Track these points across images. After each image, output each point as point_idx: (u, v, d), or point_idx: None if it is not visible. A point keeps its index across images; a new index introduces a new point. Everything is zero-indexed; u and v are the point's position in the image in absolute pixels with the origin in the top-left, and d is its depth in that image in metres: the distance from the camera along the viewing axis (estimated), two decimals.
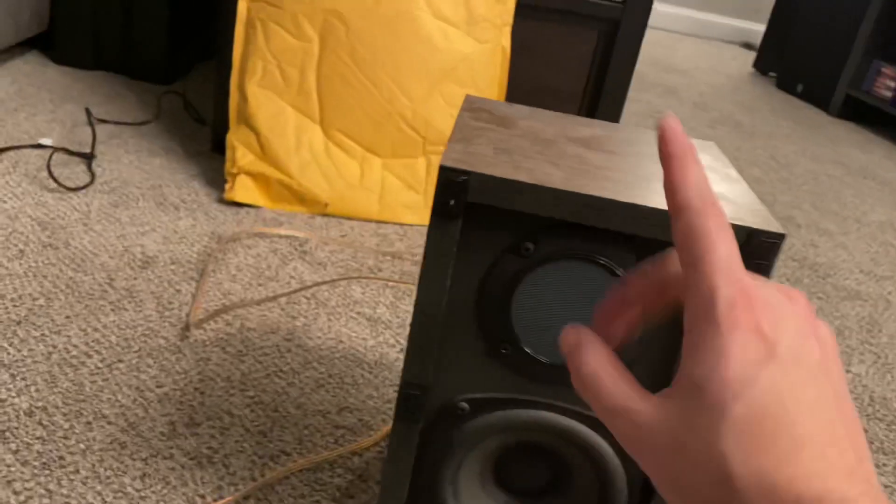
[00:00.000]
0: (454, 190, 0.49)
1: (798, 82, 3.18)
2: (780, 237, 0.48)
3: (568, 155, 0.55)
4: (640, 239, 0.50)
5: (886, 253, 1.63)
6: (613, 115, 1.51)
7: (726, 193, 0.54)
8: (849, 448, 0.29)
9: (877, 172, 2.26)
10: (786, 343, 0.29)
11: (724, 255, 0.30)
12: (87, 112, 1.44)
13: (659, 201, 0.50)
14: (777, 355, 0.29)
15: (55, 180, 1.19)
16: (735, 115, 2.61)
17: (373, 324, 1.00)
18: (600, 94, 1.49)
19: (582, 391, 0.33)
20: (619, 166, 0.55)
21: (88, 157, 1.29)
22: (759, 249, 0.49)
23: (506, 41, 1.32)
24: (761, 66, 3.50)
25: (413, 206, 1.30)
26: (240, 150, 1.25)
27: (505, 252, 0.52)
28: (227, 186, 1.25)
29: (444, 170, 0.49)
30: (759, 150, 2.23)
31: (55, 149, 1.29)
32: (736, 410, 0.28)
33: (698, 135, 2.26)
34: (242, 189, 1.24)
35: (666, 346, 0.54)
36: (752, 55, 3.81)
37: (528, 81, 1.46)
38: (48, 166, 1.19)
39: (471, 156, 0.51)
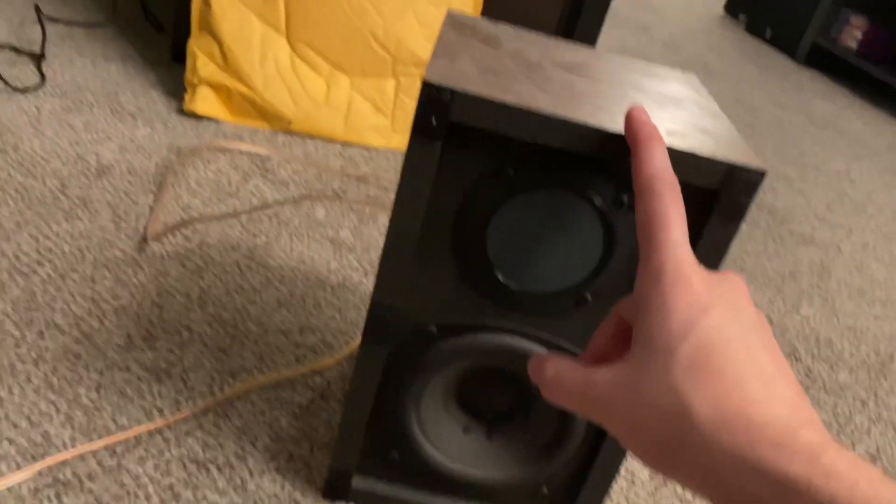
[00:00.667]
0: (437, 108, 0.47)
1: (767, 27, 3.18)
2: (761, 175, 0.48)
3: (554, 80, 0.53)
4: (622, 170, 0.50)
5: (841, 202, 1.67)
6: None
7: (708, 127, 0.53)
8: (789, 387, 0.31)
9: (837, 122, 2.29)
10: (722, 301, 0.33)
11: (675, 238, 0.35)
12: (37, 9, 1.35)
13: None
14: (715, 307, 0.32)
15: (2, 79, 1.12)
16: (704, 56, 2.61)
17: (336, 246, 0.99)
18: (575, 25, 1.46)
19: (552, 395, 0.37)
20: (606, 94, 0.54)
21: (38, 58, 1.22)
22: (739, 186, 0.48)
23: None
24: (732, 8, 3.48)
25: (380, 128, 1.27)
26: (201, 60, 1.20)
27: (484, 176, 0.51)
28: (186, 97, 1.20)
29: (427, 86, 0.47)
30: (727, 93, 2.24)
31: (1, 46, 1.21)
32: (683, 349, 0.31)
33: None
34: (203, 100, 1.20)
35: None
36: None
37: (501, 7, 1.42)
38: None
39: (456, 73, 0.49)
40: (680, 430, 0.30)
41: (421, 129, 0.48)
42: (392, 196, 1.13)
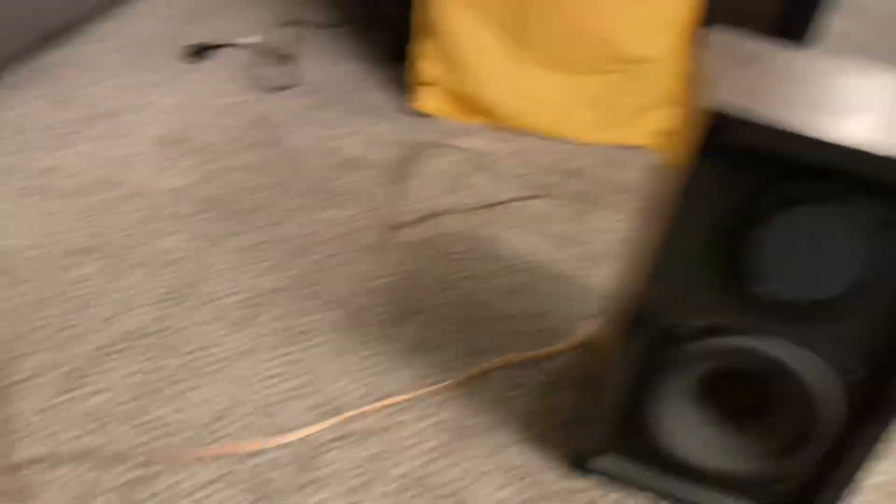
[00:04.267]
0: (719, 131, 0.52)
1: None
2: None
3: (826, 97, 0.56)
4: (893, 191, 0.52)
5: None
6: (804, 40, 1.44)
7: None
8: None
9: None
10: None
11: None
12: (293, 17, 1.51)
13: None
14: None
15: (262, 80, 1.28)
16: None
17: (557, 239, 1.05)
18: (794, 20, 1.42)
19: None
20: (882, 113, 0.56)
21: (290, 59, 1.38)
22: None
23: None
24: None
25: (594, 124, 1.32)
26: (424, 60, 1.30)
27: (752, 191, 0.55)
28: (414, 96, 1.31)
29: (710, 112, 0.51)
30: None
31: (258, 48, 1.38)
32: None
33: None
34: (428, 99, 1.30)
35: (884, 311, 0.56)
36: None
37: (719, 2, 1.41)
38: (255, 66, 1.28)
39: (733, 97, 0.53)
40: None
41: (702, 149, 0.53)
42: (605, 191, 1.18)
